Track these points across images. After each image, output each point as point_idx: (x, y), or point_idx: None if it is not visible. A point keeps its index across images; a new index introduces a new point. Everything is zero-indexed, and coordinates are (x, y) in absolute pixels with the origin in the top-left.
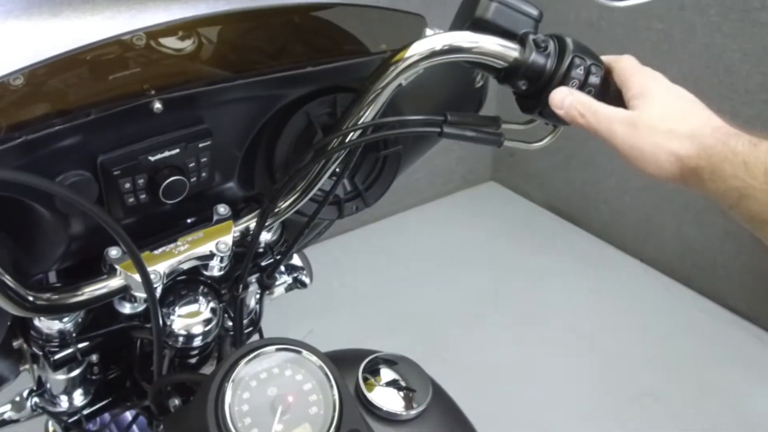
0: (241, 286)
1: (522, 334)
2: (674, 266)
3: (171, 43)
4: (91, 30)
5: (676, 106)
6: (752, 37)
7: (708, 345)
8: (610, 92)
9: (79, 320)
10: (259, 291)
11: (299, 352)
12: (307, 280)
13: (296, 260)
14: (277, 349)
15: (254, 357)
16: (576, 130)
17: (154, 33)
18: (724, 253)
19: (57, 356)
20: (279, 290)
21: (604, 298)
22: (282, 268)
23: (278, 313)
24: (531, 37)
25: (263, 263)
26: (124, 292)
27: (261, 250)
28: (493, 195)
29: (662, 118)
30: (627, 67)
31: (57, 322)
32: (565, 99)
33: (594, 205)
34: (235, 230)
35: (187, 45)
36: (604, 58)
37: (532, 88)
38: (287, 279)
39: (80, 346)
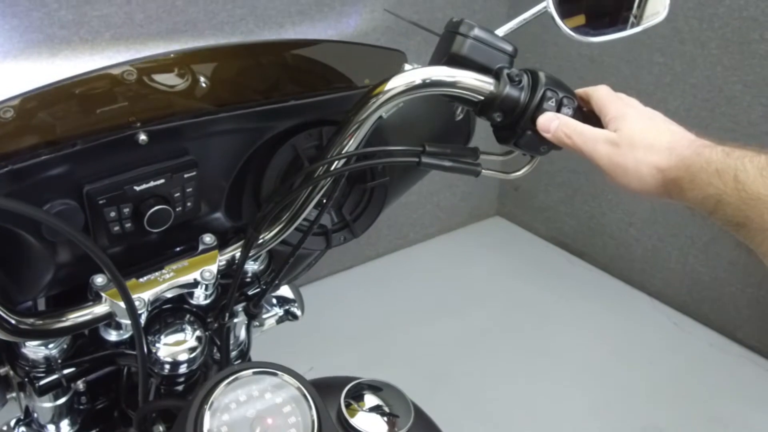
0: (227, 314)
1: (528, 369)
2: (681, 299)
3: (158, 76)
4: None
5: (652, 124)
6: (752, 68)
7: (716, 378)
8: (590, 121)
9: (65, 347)
10: (247, 321)
11: (275, 374)
12: (298, 312)
13: (288, 293)
14: (255, 373)
15: (233, 380)
16: (581, 164)
17: (142, 67)
18: (730, 285)
19: (42, 382)
20: (270, 322)
21: (612, 332)
22: (273, 300)
23: (279, 349)
24: (505, 71)
25: (250, 292)
26: (109, 319)
27: (248, 279)
28: (499, 230)
29: (641, 135)
30: (603, 95)
31: (43, 348)
32: (551, 123)
33: (600, 239)
34: (221, 259)
35: (174, 79)
36: (581, 90)
37: (507, 120)
38: (278, 311)
39: (66, 372)
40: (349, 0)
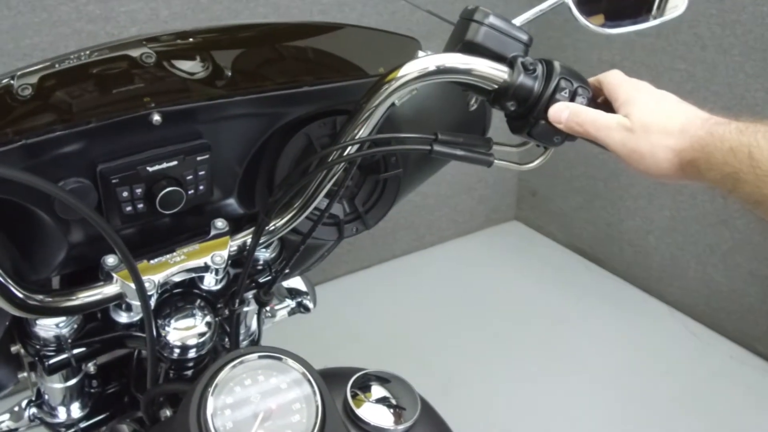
0: (237, 301)
1: (543, 376)
2: (700, 309)
3: (174, 58)
4: None
5: (664, 106)
6: None
7: (734, 390)
8: (605, 109)
9: (75, 326)
10: (257, 311)
11: (280, 359)
12: (310, 305)
13: (300, 285)
14: (260, 357)
15: (238, 364)
16: (599, 170)
17: (160, 49)
18: (750, 295)
19: (52, 361)
20: (281, 313)
21: (628, 341)
22: (286, 291)
23: (293, 346)
24: (520, 60)
25: (261, 280)
26: (119, 300)
27: (260, 267)
28: (516, 234)
29: (653, 118)
30: (613, 81)
31: (53, 327)
32: (562, 113)
33: (618, 246)
34: (232, 245)
35: (190, 61)
36: (593, 78)
37: (520, 110)
38: (290, 303)
39: (75, 352)
40: (370, 1)
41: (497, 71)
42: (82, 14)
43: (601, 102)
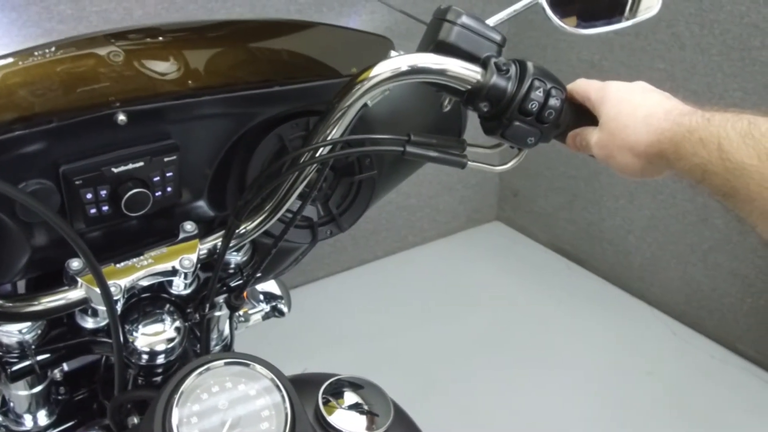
0: (207, 305)
1: (524, 376)
2: (680, 308)
3: (141, 56)
4: None
5: (628, 99)
6: (753, 76)
7: (715, 390)
8: (582, 110)
9: (39, 332)
10: (229, 315)
11: (248, 365)
12: (285, 309)
13: (275, 289)
14: (227, 363)
15: (204, 371)
16: (580, 170)
17: (127, 48)
18: (731, 295)
19: (15, 368)
20: (255, 318)
21: (609, 341)
22: (260, 296)
23: (272, 349)
24: (493, 60)
25: (232, 284)
26: (84, 305)
27: (231, 270)
28: (498, 235)
29: (616, 118)
30: (581, 86)
31: (16, 332)
32: (575, 139)
33: (599, 246)
34: (202, 248)
35: (157, 60)
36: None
37: (493, 111)
38: (265, 307)
39: (39, 358)
40: (348, 0)
41: (470, 71)
42: (53, 14)
43: (579, 103)
